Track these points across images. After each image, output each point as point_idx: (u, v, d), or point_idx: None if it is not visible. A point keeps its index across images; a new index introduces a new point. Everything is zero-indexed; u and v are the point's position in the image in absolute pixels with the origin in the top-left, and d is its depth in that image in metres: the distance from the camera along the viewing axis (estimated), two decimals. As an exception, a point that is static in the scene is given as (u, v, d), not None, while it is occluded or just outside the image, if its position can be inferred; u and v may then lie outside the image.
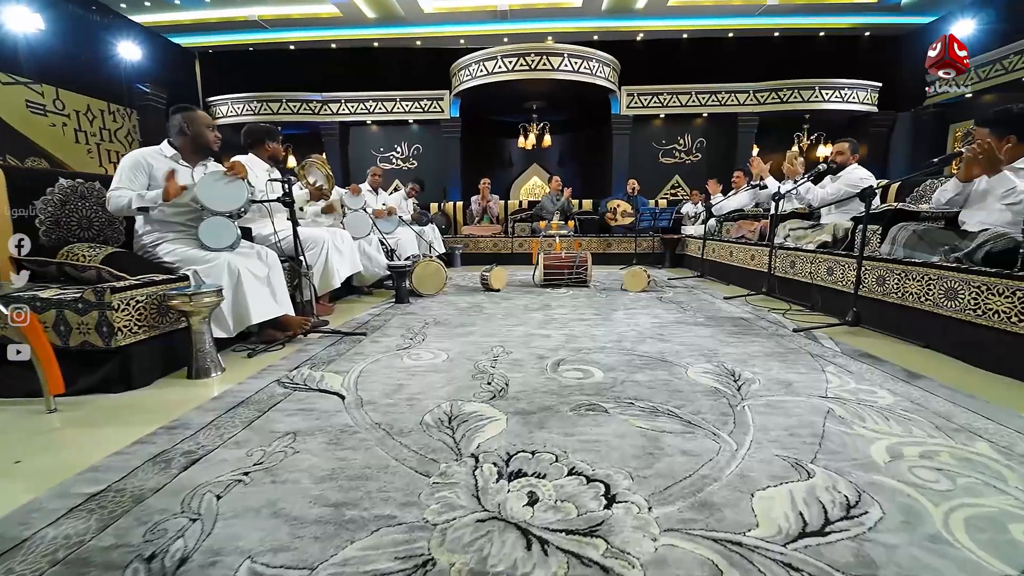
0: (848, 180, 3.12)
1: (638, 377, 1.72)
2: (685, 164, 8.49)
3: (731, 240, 4.26)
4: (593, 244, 5.92)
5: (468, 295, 3.61)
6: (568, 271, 3.85)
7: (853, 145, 3.29)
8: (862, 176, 3.11)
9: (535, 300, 3.34)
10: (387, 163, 8.73)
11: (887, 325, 2.31)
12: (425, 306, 3.18)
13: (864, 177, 3.11)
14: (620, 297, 3.44)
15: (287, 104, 8.22)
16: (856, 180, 3.09)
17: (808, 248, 3.05)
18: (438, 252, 5.43)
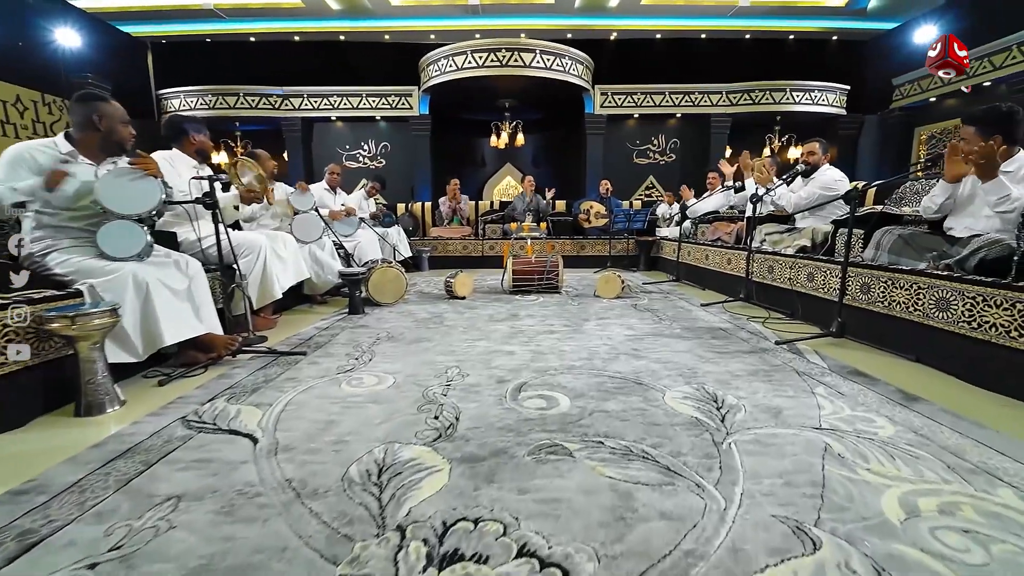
0: (822, 183, 3.00)
1: (609, 406, 1.50)
2: (659, 164, 8.41)
3: (707, 243, 4.12)
4: (566, 246, 5.73)
5: (430, 303, 3.34)
6: (538, 277, 3.62)
7: (823, 145, 3.17)
8: (836, 178, 3.00)
9: (502, 309, 3.10)
10: (353, 161, 8.34)
11: (873, 336, 2.17)
12: (381, 317, 2.90)
13: (838, 179, 3.00)
14: (593, 304, 3.23)
15: (245, 98, 7.75)
16: (830, 182, 2.98)
17: (787, 253, 2.91)
18: (403, 256, 5.14)
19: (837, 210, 2.98)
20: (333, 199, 4.33)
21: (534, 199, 6.06)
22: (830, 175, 3.00)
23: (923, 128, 7.30)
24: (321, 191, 4.25)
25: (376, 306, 3.23)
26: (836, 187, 2.96)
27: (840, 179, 2.99)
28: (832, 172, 3.02)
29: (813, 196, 2.98)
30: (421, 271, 5.56)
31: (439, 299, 3.51)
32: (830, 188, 2.95)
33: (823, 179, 2.99)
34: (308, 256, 3.23)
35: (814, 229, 2.85)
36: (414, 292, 3.91)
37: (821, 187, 2.96)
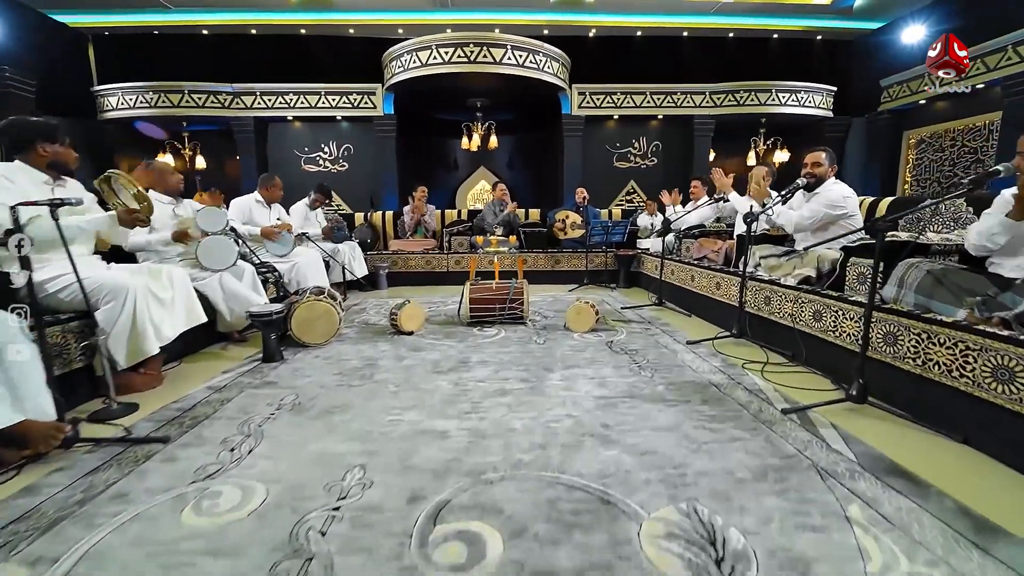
0: (828, 200, 2.57)
1: (560, 557, 1.01)
2: (641, 168, 8.00)
3: (692, 263, 3.68)
4: (540, 261, 5.24)
5: (370, 342, 2.81)
6: (500, 307, 3.12)
7: (830, 155, 2.75)
8: (844, 194, 2.57)
9: (452, 351, 2.59)
10: (313, 165, 7.71)
11: (903, 402, 1.72)
12: (299, 368, 2.36)
13: (847, 195, 2.58)
14: (562, 342, 2.75)
15: (190, 96, 7.06)
16: (837, 199, 2.55)
17: (787, 283, 2.46)
18: (357, 275, 4.58)
19: (841, 232, 2.55)
20: (267, 214, 3.75)
21: (505, 208, 5.55)
22: (837, 191, 2.57)
23: (912, 132, 7.04)
24: (250, 205, 3.68)
25: (303, 347, 2.69)
26: (844, 205, 2.53)
27: (849, 195, 2.57)
28: (839, 188, 2.60)
29: (817, 216, 2.54)
30: (379, 290, 5.01)
31: (383, 334, 2.98)
32: (837, 206, 2.52)
33: (829, 196, 2.56)
34: (218, 287, 2.68)
35: (819, 256, 2.41)
36: (359, 322, 3.37)
37: (827, 205, 2.53)
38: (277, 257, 3.62)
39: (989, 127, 5.85)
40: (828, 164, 2.70)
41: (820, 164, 2.69)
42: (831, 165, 2.71)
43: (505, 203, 5.56)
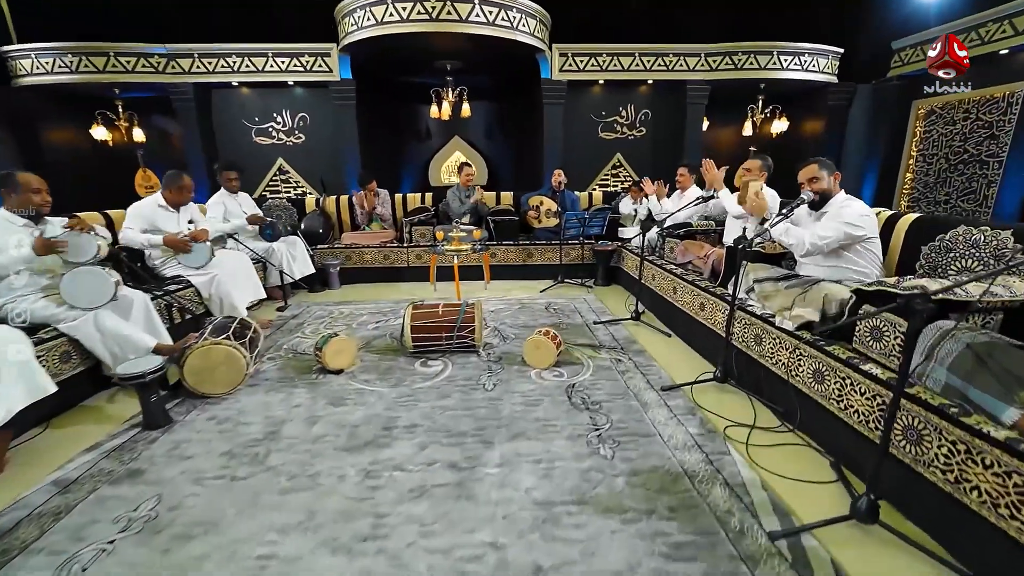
0: (845, 217, 2.08)
1: None
2: (628, 139, 7.33)
3: (674, 269, 3.21)
4: (510, 254, 4.74)
5: (286, 388, 2.36)
6: (447, 335, 2.67)
7: (826, 165, 2.20)
8: (862, 212, 2.09)
9: (379, 406, 2.16)
10: (266, 137, 6.93)
11: (927, 520, 1.34)
12: (182, 439, 1.91)
13: (865, 214, 2.09)
14: (515, 386, 2.32)
15: (117, 59, 6.15)
16: (855, 218, 2.07)
17: (784, 326, 2.02)
18: (299, 275, 4.06)
19: (859, 264, 2.10)
20: (174, 219, 3.16)
21: (472, 195, 4.97)
22: (855, 209, 2.08)
23: (922, 101, 6.41)
24: (152, 209, 3.09)
25: (202, 398, 2.24)
26: (862, 225, 2.06)
27: (867, 214, 2.08)
28: (856, 205, 2.11)
29: (838, 235, 2.06)
30: (331, 289, 4.50)
31: (308, 371, 2.53)
32: (857, 228, 2.05)
33: (846, 212, 2.08)
34: (92, 329, 2.18)
35: (826, 295, 1.95)
36: (287, 348, 2.90)
37: (847, 223, 2.05)
38: (193, 270, 3.09)
39: (1009, 99, 5.28)
40: (828, 175, 2.19)
41: (817, 178, 2.19)
42: (832, 175, 2.21)
43: (472, 189, 4.99)
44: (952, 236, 1.95)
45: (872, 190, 7.15)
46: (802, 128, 7.61)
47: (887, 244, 2.24)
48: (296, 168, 7.06)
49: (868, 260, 2.11)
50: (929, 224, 2.10)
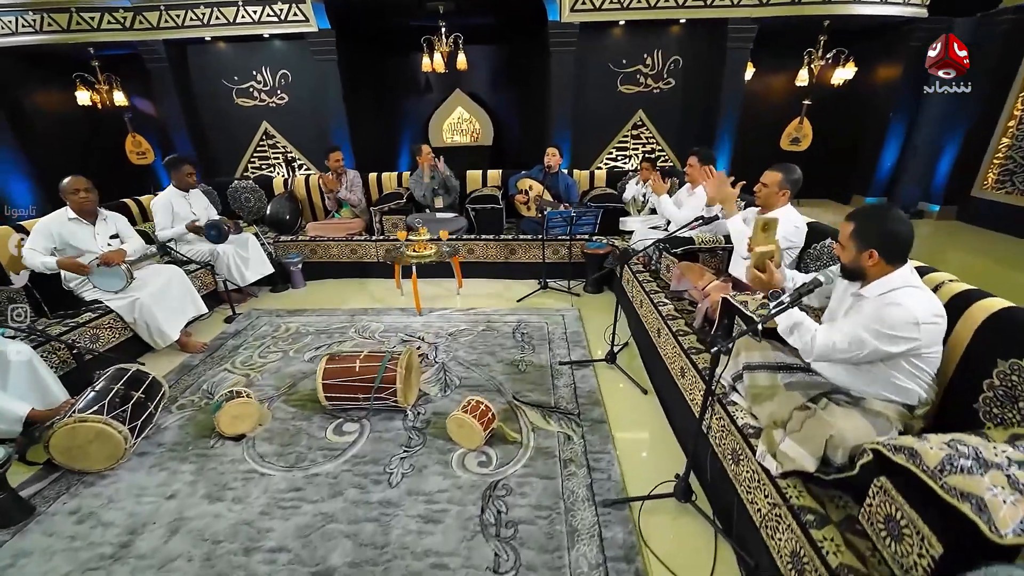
0: (884, 323, 1.31)
1: None
2: (653, 93, 6.22)
3: (661, 305, 2.58)
4: (491, 250, 4.16)
5: (177, 457, 2.06)
6: (363, 395, 2.26)
7: (868, 224, 1.41)
8: (913, 319, 1.28)
9: (259, 502, 1.82)
10: (247, 98, 6.36)
11: None
12: (24, 551, 1.66)
13: (917, 321, 1.31)
14: (424, 485, 1.92)
15: (80, 16, 5.62)
16: (900, 326, 1.30)
17: (765, 464, 1.45)
18: (252, 278, 3.71)
19: (895, 370, 1.43)
20: (89, 233, 2.79)
21: (438, 174, 4.29)
22: (903, 313, 1.27)
23: (1043, 40, 4.93)
24: (60, 225, 2.71)
25: (81, 473, 1.99)
26: (908, 337, 1.31)
27: (920, 322, 1.29)
28: (908, 305, 1.27)
29: (864, 351, 1.36)
30: (295, 288, 4.15)
31: (208, 433, 2.22)
32: (896, 339, 1.33)
33: (889, 317, 1.29)
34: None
35: (832, 437, 1.33)
36: (205, 389, 2.60)
37: (883, 335, 1.33)
38: (112, 293, 2.78)
39: None
40: (863, 246, 1.43)
41: (844, 247, 1.47)
42: (869, 247, 1.42)
43: (436, 167, 4.29)
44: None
45: (952, 159, 5.85)
46: (873, 76, 6.22)
47: (947, 337, 1.52)
48: (282, 132, 6.55)
49: (915, 370, 1.40)
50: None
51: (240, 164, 6.72)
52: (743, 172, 7.09)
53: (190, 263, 3.48)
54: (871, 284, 1.46)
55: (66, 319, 2.64)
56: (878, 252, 1.40)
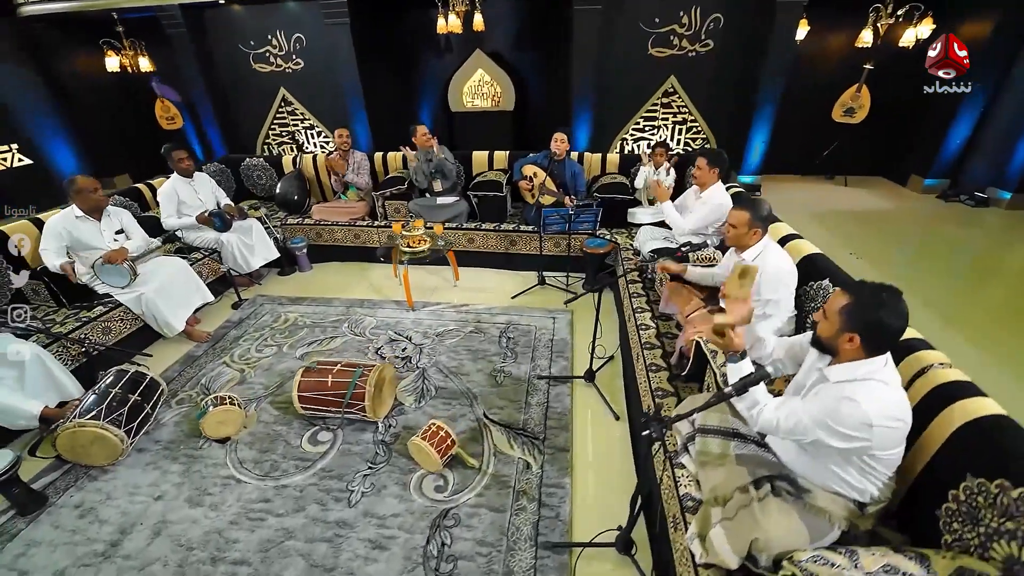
0: (837, 417, 1.16)
1: None
2: (688, 57, 5.62)
3: (644, 326, 2.47)
4: (490, 241, 4.07)
5: (169, 456, 2.26)
6: (335, 409, 2.35)
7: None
8: (869, 419, 1.14)
9: (232, 510, 1.99)
10: (264, 63, 6.28)
11: None
12: (34, 541, 1.91)
13: (871, 422, 1.15)
14: (379, 506, 2.01)
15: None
16: (850, 423, 1.15)
17: (692, 548, 1.41)
18: (256, 265, 3.83)
19: (847, 465, 1.31)
20: (96, 229, 2.93)
21: (431, 154, 4.12)
22: (858, 412, 1.13)
23: None
24: (69, 226, 2.85)
25: (88, 468, 2.23)
26: (858, 436, 1.16)
27: (876, 423, 1.11)
28: (867, 401, 1.13)
29: (809, 436, 1.24)
30: (302, 272, 4.27)
31: (198, 433, 2.40)
32: (846, 436, 1.16)
33: (843, 414, 1.17)
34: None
35: (757, 540, 1.25)
36: (202, 384, 2.79)
37: (830, 430, 1.20)
38: (119, 289, 2.97)
39: None
40: (847, 328, 1.24)
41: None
42: (853, 330, 1.24)
43: (431, 151, 4.13)
44: None
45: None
46: (955, 35, 5.29)
47: (919, 434, 1.36)
48: (299, 98, 6.48)
49: (867, 468, 1.27)
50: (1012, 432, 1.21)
51: (260, 131, 6.77)
52: (786, 147, 6.57)
53: (197, 251, 3.64)
54: (838, 366, 1.32)
55: (80, 313, 2.85)
56: (861, 338, 1.25)
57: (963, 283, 3.96)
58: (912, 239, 4.81)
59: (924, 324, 3.18)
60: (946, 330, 3.17)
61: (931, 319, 3.27)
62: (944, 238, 4.76)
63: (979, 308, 3.55)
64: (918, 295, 3.55)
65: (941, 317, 3.32)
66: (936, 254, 4.47)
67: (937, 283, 3.86)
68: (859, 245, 4.52)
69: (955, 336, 3.09)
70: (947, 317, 3.32)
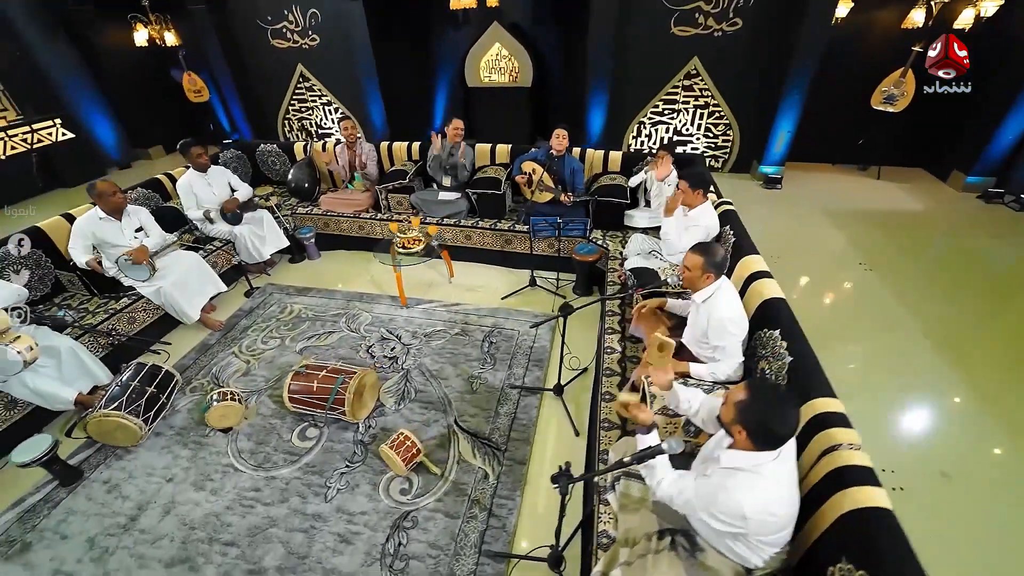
0: (724, 503, 1.29)
1: None
2: (714, 37, 5.26)
3: (609, 351, 2.57)
4: (487, 238, 4.15)
5: (180, 442, 2.61)
6: (320, 411, 2.61)
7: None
8: (751, 512, 1.27)
9: (228, 496, 2.31)
10: (281, 39, 6.31)
11: None
12: (71, 510, 2.30)
13: (753, 514, 1.28)
14: (352, 503, 2.28)
15: (122, -49, 5.71)
16: (730, 513, 1.30)
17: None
18: (267, 254, 4.08)
19: (733, 544, 1.43)
20: (117, 228, 3.22)
21: (456, 150, 4.20)
22: (744, 501, 1.27)
23: None
24: (93, 226, 3.14)
25: (115, 448, 2.61)
26: (738, 529, 1.30)
27: (757, 516, 1.26)
28: (747, 489, 1.29)
29: (693, 516, 1.32)
30: (311, 259, 4.52)
31: (203, 425, 2.72)
32: (727, 525, 1.30)
33: (727, 500, 1.29)
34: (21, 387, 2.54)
35: None
36: (213, 374, 3.12)
37: (714, 517, 1.31)
38: (141, 282, 3.29)
39: None
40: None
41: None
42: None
43: (457, 147, 4.20)
44: None
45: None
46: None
47: (812, 510, 1.45)
48: (316, 75, 6.53)
49: (755, 547, 1.38)
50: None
51: (280, 106, 6.91)
52: (817, 133, 6.23)
53: (213, 240, 3.93)
54: (732, 451, 1.40)
55: (109, 304, 3.20)
56: (747, 433, 1.33)
57: (985, 309, 3.58)
58: (936, 248, 4.43)
59: (925, 360, 3.05)
60: (955, 369, 2.92)
61: (935, 354, 3.05)
62: (974, 249, 4.34)
63: (1000, 343, 3.20)
64: (924, 321, 3.37)
65: (950, 351, 3.06)
66: (959, 269, 4.08)
67: (952, 308, 3.55)
68: (874, 252, 4.31)
69: (963, 378, 2.84)
70: (959, 352, 3.06)
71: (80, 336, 2.89)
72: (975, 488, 2.30)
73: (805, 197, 5.38)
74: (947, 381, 2.87)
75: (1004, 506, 2.23)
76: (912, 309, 3.52)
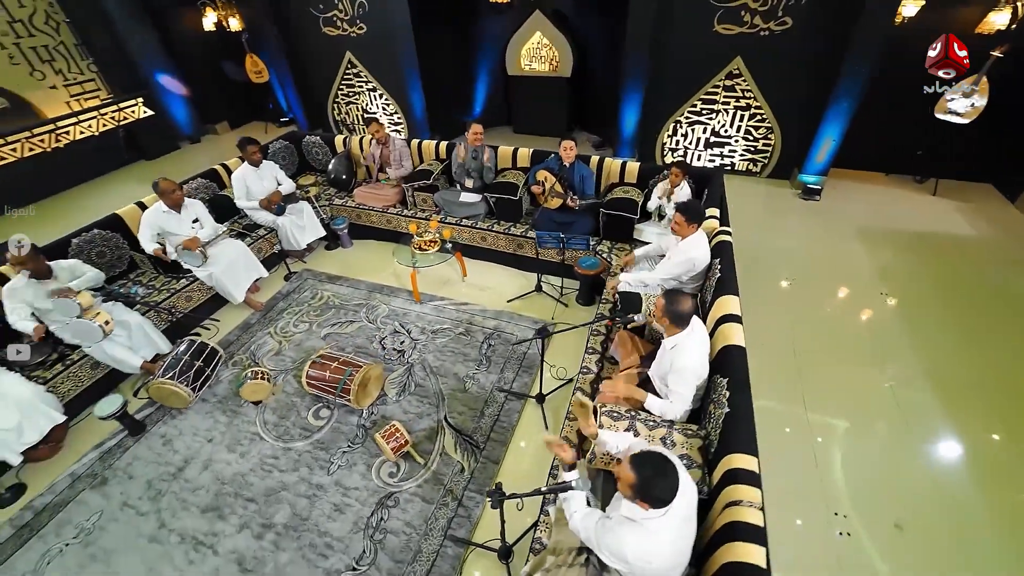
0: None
1: None
2: (759, 36, 4.96)
3: (585, 371, 2.78)
4: (500, 241, 4.36)
5: (220, 408, 3.15)
6: (333, 387, 3.03)
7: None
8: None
9: (252, 459, 2.81)
10: (332, 27, 6.59)
11: None
12: (136, 457, 2.90)
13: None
14: (349, 479, 2.71)
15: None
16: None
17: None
18: (303, 244, 4.53)
19: None
20: (177, 220, 3.73)
21: (479, 153, 4.40)
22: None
23: None
24: (159, 220, 3.67)
25: (170, 409, 3.19)
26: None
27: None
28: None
29: (592, 548, 1.61)
30: (344, 248, 4.95)
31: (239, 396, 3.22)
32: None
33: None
34: (104, 353, 3.14)
35: None
36: (251, 351, 3.64)
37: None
38: (195, 267, 3.83)
39: None
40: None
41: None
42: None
43: (480, 149, 4.40)
44: None
45: None
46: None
47: (706, 555, 1.66)
48: (363, 63, 6.82)
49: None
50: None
51: (330, 91, 7.29)
52: (871, 139, 5.94)
53: (259, 228, 4.42)
54: (628, 503, 1.59)
55: (171, 283, 3.78)
56: (634, 491, 1.53)
57: (1008, 363, 3.24)
58: (978, 285, 3.98)
59: (915, 401, 2.93)
60: (947, 418, 2.83)
61: (932, 395, 2.96)
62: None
63: (1015, 410, 2.92)
64: (931, 361, 3.22)
65: (948, 400, 2.94)
66: (997, 313, 3.67)
67: (971, 354, 3.29)
68: (903, 281, 4.09)
69: (953, 427, 2.77)
70: (958, 404, 2.92)
71: (146, 312, 3.48)
72: (927, 544, 2.35)
73: (843, 211, 5.11)
74: (928, 429, 2.82)
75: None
76: (919, 349, 3.37)
